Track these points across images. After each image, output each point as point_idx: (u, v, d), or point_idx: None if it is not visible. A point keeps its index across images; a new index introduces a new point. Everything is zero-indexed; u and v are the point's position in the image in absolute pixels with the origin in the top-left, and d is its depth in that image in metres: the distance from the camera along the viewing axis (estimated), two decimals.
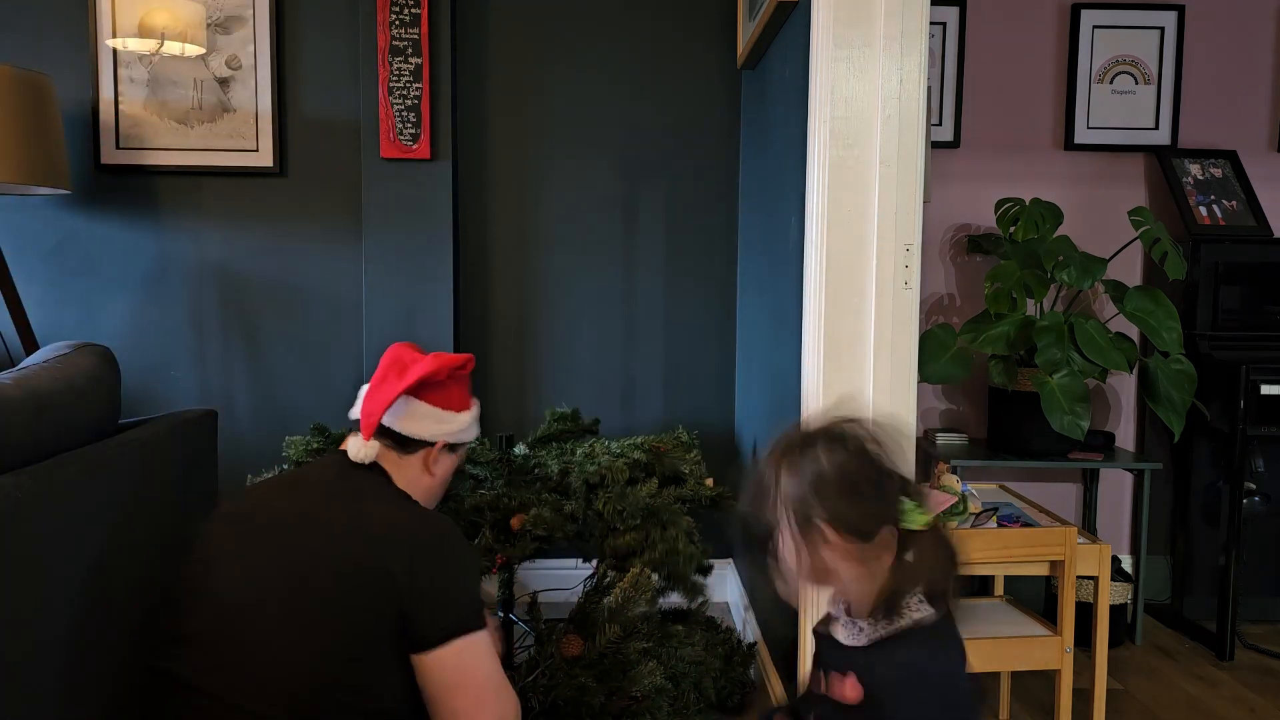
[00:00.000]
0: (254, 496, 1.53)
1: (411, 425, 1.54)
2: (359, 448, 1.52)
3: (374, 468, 1.53)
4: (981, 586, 2.71)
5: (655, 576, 2.16)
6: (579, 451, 2.40)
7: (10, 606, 1.27)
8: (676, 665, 2.16)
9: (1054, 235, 2.92)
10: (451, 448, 1.61)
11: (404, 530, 1.42)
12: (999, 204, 2.99)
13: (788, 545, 1.16)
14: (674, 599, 2.57)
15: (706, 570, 2.54)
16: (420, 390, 1.54)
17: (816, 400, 1.92)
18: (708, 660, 2.25)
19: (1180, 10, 3.18)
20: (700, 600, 2.41)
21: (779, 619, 2.36)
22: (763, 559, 1.22)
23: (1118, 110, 3.22)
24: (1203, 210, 3.11)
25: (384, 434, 1.54)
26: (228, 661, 1.33)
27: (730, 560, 3.20)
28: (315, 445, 2.35)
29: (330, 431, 2.42)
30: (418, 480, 1.57)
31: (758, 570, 2.32)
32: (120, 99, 2.95)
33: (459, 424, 1.59)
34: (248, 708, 1.31)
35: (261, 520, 1.46)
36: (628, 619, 2.05)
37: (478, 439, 2.04)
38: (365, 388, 1.58)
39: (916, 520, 1.14)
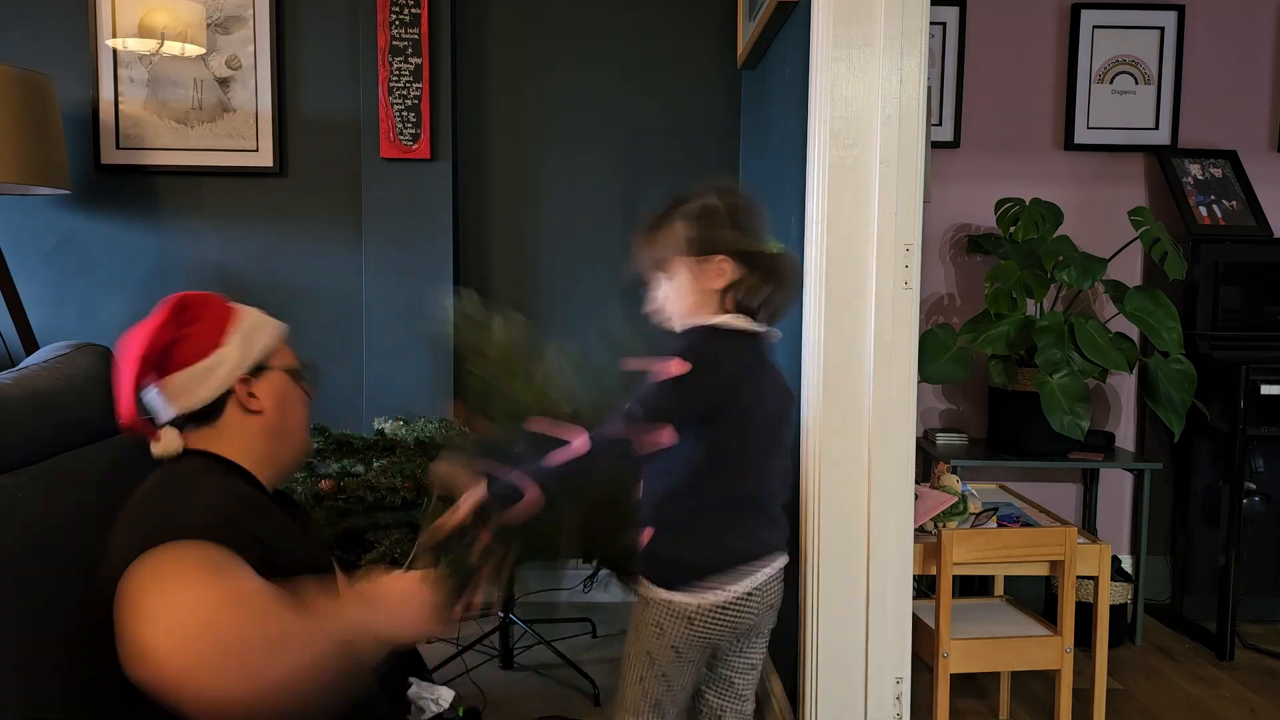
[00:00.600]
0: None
1: (188, 398, 1.25)
2: (156, 448, 1.26)
3: (190, 455, 1.26)
4: (981, 586, 2.71)
5: None
6: None
7: (10, 606, 1.27)
8: None
9: (1054, 235, 2.92)
10: (257, 371, 1.30)
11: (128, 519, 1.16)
12: (999, 204, 2.99)
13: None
14: None
15: None
16: (162, 367, 1.25)
17: (817, 400, 1.92)
18: None
19: (1180, 10, 3.18)
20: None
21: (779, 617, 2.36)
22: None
23: (1118, 110, 3.22)
24: (1203, 210, 3.11)
25: (176, 423, 1.27)
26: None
27: None
28: (316, 445, 2.35)
29: (330, 431, 2.42)
30: (247, 429, 1.28)
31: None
32: (120, 99, 2.95)
33: (232, 355, 1.28)
34: None
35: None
36: None
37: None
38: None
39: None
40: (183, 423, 1.27)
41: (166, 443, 1.25)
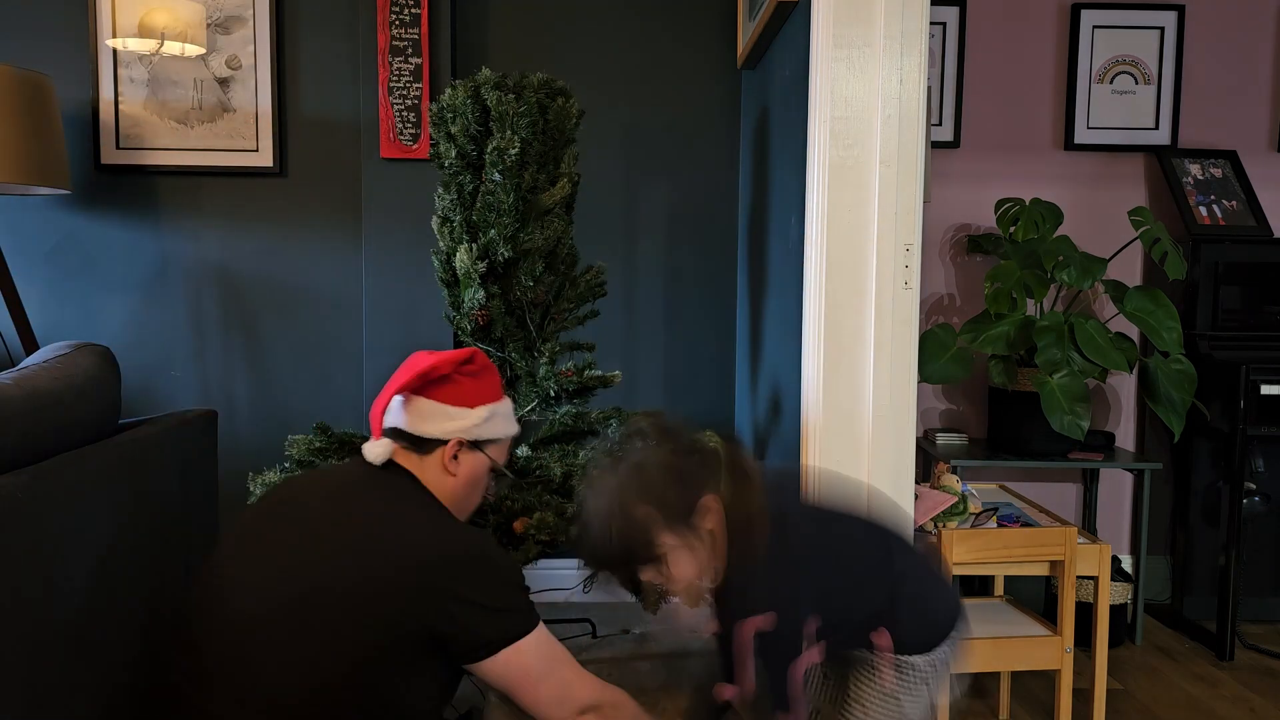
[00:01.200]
0: (281, 496, 1.50)
1: (420, 424, 1.50)
2: (371, 447, 1.49)
3: (399, 470, 1.49)
4: (981, 586, 2.71)
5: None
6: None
7: (10, 606, 1.27)
8: None
9: (1054, 235, 2.92)
10: (474, 445, 1.53)
11: (431, 549, 1.37)
12: (999, 204, 2.99)
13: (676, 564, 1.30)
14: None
15: None
16: (424, 388, 1.51)
17: (816, 400, 1.92)
18: None
19: (1180, 10, 3.18)
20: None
21: None
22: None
23: (1118, 110, 3.22)
24: (1203, 210, 3.11)
25: (397, 435, 1.50)
26: (228, 673, 1.31)
27: None
28: (319, 444, 2.34)
29: (333, 431, 2.41)
30: (442, 482, 1.51)
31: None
32: (120, 99, 2.95)
33: (472, 419, 1.51)
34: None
35: (284, 526, 1.43)
36: None
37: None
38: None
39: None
40: (397, 436, 1.51)
41: (380, 447, 1.49)
